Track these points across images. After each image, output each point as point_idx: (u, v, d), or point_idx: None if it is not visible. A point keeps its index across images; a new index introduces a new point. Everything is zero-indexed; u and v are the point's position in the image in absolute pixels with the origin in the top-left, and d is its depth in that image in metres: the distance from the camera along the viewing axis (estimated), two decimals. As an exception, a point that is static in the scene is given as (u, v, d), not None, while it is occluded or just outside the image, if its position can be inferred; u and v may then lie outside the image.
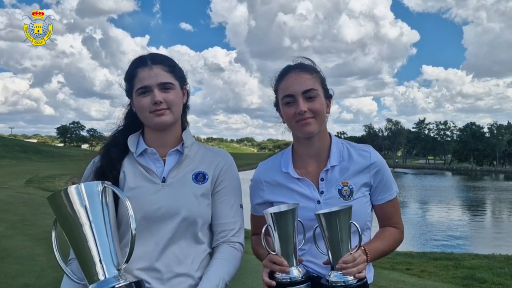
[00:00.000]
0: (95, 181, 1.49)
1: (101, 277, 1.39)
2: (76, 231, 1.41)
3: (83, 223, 1.40)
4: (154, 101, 1.63)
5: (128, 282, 1.40)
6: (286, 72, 1.80)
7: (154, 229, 1.61)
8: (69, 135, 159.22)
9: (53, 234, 1.52)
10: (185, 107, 1.80)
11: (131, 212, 1.40)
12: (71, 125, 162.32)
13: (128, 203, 1.42)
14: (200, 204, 1.67)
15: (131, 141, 1.71)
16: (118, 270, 1.42)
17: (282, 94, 1.78)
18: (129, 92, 1.73)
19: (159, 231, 1.61)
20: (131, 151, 1.70)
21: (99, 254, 1.40)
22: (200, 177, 1.70)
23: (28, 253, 6.99)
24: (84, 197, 1.42)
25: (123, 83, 1.76)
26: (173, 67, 1.72)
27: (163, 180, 1.66)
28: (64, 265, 1.51)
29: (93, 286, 1.39)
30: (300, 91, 1.72)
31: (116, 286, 1.37)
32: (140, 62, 1.69)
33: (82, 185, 1.44)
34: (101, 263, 1.40)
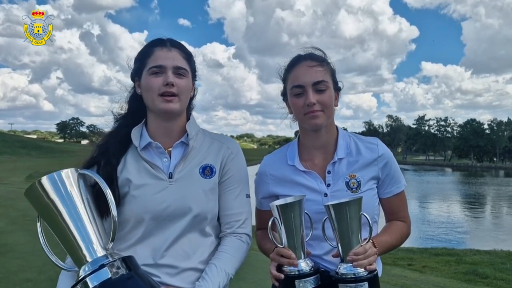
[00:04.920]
0: (68, 169, 1.49)
1: (89, 259, 1.39)
2: (56, 219, 1.42)
3: (61, 210, 1.41)
4: (166, 82, 1.57)
5: (118, 257, 1.40)
6: (296, 62, 1.76)
7: (164, 227, 1.57)
8: (68, 131, 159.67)
9: (38, 224, 1.52)
10: (191, 100, 1.75)
11: (110, 197, 1.42)
12: (71, 121, 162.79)
13: (108, 191, 1.43)
14: (209, 200, 1.62)
15: (135, 134, 1.63)
16: (106, 249, 1.42)
17: (291, 84, 1.74)
18: (137, 71, 1.66)
19: (169, 228, 1.57)
20: (134, 145, 1.63)
21: (83, 237, 1.40)
22: (207, 171, 1.64)
23: (29, 248, 6.95)
24: (58, 185, 1.43)
25: (131, 63, 1.70)
26: (190, 56, 1.69)
27: (170, 176, 1.60)
28: (48, 251, 1.49)
29: (83, 267, 1.39)
30: (310, 83, 1.69)
31: (106, 263, 1.37)
32: (158, 42, 1.64)
33: (55, 174, 1.45)
34: (87, 245, 1.40)
